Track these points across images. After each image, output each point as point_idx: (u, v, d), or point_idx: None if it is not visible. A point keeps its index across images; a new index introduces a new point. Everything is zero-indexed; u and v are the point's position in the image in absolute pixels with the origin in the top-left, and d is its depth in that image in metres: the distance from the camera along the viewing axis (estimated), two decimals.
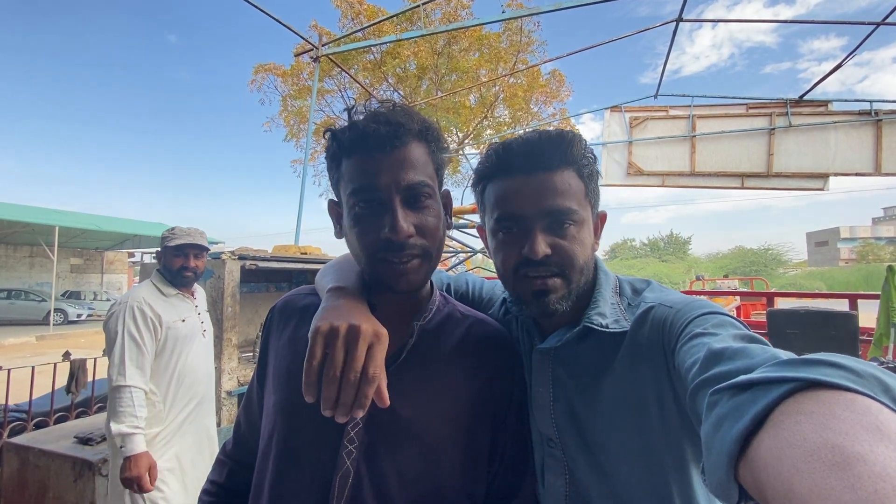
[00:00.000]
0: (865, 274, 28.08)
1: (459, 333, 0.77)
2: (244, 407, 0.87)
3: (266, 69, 16.14)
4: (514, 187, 0.72)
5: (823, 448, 0.30)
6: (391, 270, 0.66)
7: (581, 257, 0.72)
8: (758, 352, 0.46)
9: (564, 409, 0.74)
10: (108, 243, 20.78)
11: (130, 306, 1.94)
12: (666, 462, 0.66)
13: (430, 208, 0.68)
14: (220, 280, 2.89)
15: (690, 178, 7.17)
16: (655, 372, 0.66)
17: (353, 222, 0.67)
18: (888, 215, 60.69)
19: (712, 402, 0.42)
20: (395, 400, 0.67)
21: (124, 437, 1.78)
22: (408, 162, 0.66)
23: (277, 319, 0.82)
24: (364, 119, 0.66)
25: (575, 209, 0.71)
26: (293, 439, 0.69)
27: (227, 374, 2.92)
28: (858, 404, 0.32)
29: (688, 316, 0.63)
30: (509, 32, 14.51)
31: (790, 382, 0.36)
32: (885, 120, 6.02)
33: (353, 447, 0.66)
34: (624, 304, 0.75)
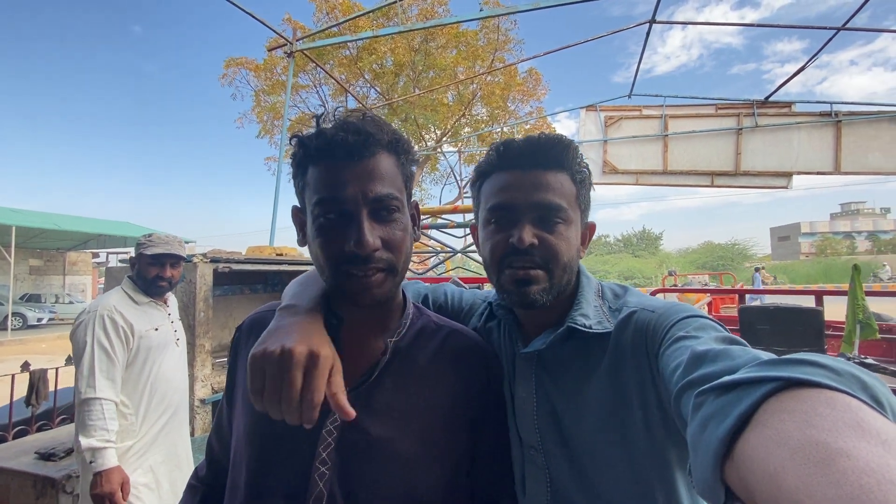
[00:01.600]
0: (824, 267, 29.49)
1: (434, 346, 0.76)
2: (215, 429, 0.85)
3: (238, 63, 15.73)
4: (510, 180, 0.75)
5: (808, 445, 0.30)
6: (355, 284, 0.65)
7: (565, 255, 0.74)
8: (740, 353, 0.47)
9: (547, 414, 0.74)
10: (70, 243, 19.86)
11: (100, 315, 1.85)
12: (650, 467, 0.67)
13: (397, 221, 0.67)
14: (191, 284, 2.80)
15: (663, 177, 7.37)
16: (639, 376, 0.67)
17: (317, 233, 0.65)
18: (845, 211, 63.95)
19: (698, 404, 0.43)
20: (367, 419, 0.67)
21: (94, 451, 1.70)
22: (376, 173, 0.64)
23: (245, 339, 0.80)
24: (333, 127, 0.64)
25: (564, 207, 0.74)
26: (263, 463, 0.67)
27: (201, 382, 2.83)
28: (839, 402, 0.33)
29: (670, 320, 0.65)
30: (486, 30, 14.54)
31: (773, 381, 0.36)
32: (843, 121, 6.32)
33: (326, 468, 0.64)
34: (606, 308, 0.77)
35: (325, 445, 0.65)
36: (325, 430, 0.66)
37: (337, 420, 0.66)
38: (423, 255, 6.10)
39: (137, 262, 2.01)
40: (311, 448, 0.65)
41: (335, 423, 0.66)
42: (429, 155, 16.27)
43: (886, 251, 39.40)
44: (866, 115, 6.34)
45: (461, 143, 15.96)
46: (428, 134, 16.67)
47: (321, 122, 0.66)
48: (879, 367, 1.47)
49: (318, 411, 0.56)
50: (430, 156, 16.48)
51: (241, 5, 4.64)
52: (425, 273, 4.78)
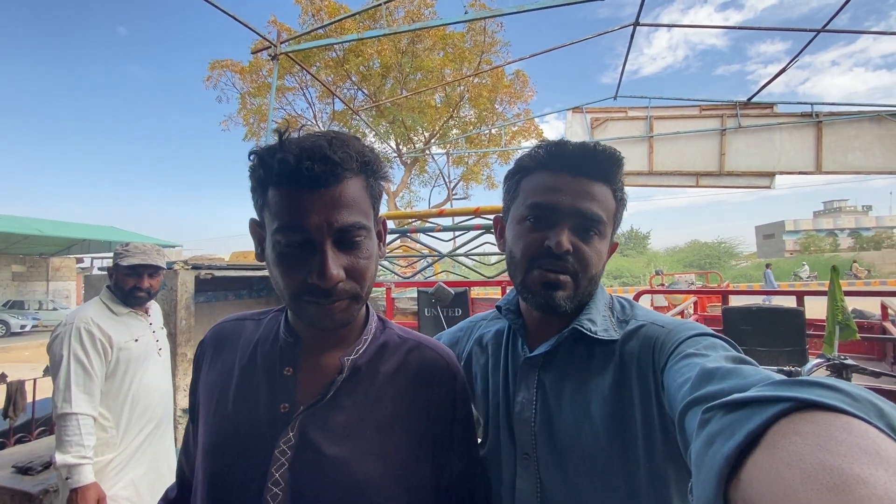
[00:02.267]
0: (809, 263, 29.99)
1: (395, 362, 0.74)
2: (183, 450, 0.83)
3: (223, 65, 15.58)
4: (556, 182, 0.73)
5: (821, 469, 0.29)
6: (317, 312, 0.63)
7: (595, 267, 0.74)
8: (750, 372, 0.46)
9: (546, 421, 0.73)
10: (53, 248, 19.46)
11: (77, 327, 1.81)
12: (647, 483, 0.66)
13: (362, 248, 0.64)
14: (172, 292, 2.76)
15: (649, 178, 7.44)
16: (643, 390, 0.66)
17: (278, 260, 0.63)
18: (827, 209, 65.17)
19: (704, 420, 0.42)
20: (322, 439, 0.65)
21: (70, 468, 1.66)
22: (342, 201, 0.61)
23: (207, 353, 0.78)
24: (297, 151, 0.59)
25: (604, 220, 0.74)
26: (219, 482, 0.66)
27: (183, 392, 2.79)
28: (855, 427, 0.31)
29: (679, 336, 0.64)
30: (473, 33, 14.58)
31: (785, 402, 0.35)
32: (824, 122, 6.44)
33: (279, 489, 0.63)
34: (614, 319, 0.77)
35: (277, 466, 0.63)
36: (279, 451, 0.64)
37: (291, 440, 0.65)
38: (411, 259, 6.08)
39: (114, 272, 1.97)
40: (265, 468, 0.63)
41: (288, 442, 0.65)
42: (417, 157, 16.24)
43: (868, 248, 40.22)
44: (847, 115, 6.46)
45: (449, 144, 15.96)
46: (416, 136, 16.64)
47: (284, 139, 0.62)
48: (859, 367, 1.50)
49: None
50: (418, 158, 16.45)
51: (224, 8, 4.59)
52: (412, 277, 4.76)
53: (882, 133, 6.21)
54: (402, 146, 16.64)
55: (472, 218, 3.77)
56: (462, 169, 17.19)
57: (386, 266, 4.53)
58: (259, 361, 0.72)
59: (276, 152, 0.60)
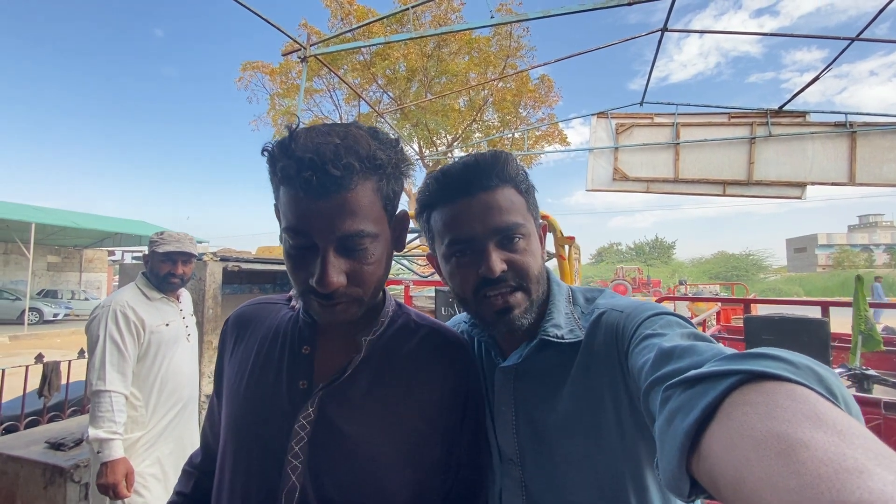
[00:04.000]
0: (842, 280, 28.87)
1: (412, 344, 0.75)
2: (208, 418, 0.87)
3: (254, 67, 16.00)
4: (459, 210, 0.72)
5: (770, 437, 0.31)
6: (320, 310, 0.64)
7: (535, 268, 0.74)
8: (705, 349, 0.48)
9: (526, 426, 0.74)
10: (87, 241, 20.27)
11: (113, 310, 1.91)
12: (623, 468, 0.67)
13: (367, 255, 0.64)
14: (201, 282, 2.86)
15: (674, 185, 7.31)
16: (611, 376, 0.67)
17: (286, 257, 0.64)
18: (863, 223, 62.56)
19: (665, 398, 0.44)
20: (340, 416, 0.67)
21: (101, 442, 1.75)
22: (347, 210, 0.60)
23: (230, 333, 0.82)
24: (300, 157, 0.57)
25: (521, 223, 0.73)
26: (243, 454, 0.69)
27: (208, 378, 2.89)
28: (798, 394, 0.34)
29: (637, 319, 0.65)
30: (499, 37, 14.60)
31: (737, 375, 0.38)
32: (858, 132, 6.22)
33: (298, 462, 0.65)
34: (577, 313, 0.77)
35: (297, 440, 0.66)
36: (298, 425, 0.67)
37: (311, 415, 0.67)
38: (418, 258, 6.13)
39: (150, 259, 2.07)
40: (285, 441, 0.67)
41: (308, 418, 0.67)
42: (440, 160, 16.33)
43: None
44: (882, 125, 6.24)
45: (472, 148, 16.00)
46: (439, 139, 16.76)
47: (294, 139, 0.60)
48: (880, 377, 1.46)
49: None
50: (440, 160, 16.55)
51: (257, 11, 4.74)
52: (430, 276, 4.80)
53: None
54: (426, 149, 16.76)
55: None
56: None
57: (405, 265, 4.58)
58: (280, 341, 0.75)
59: (281, 156, 0.60)
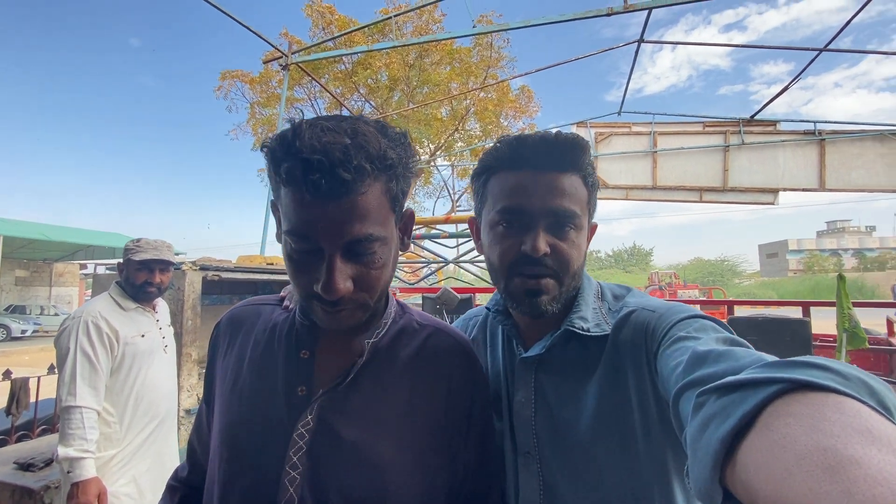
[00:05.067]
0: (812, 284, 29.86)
1: (415, 346, 0.73)
2: (195, 429, 0.83)
3: (233, 76, 15.84)
4: (524, 182, 0.70)
5: (815, 451, 0.29)
6: (324, 316, 0.62)
7: (576, 262, 0.72)
8: (743, 354, 0.45)
9: (545, 419, 0.72)
10: (57, 254, 19.57)
11: (85, 321, 1.82)
12: (648, 471, 0.65)
13: (375, 259, 0.60)
14: (179, 292, 2.77)
15: (652, 192, 7.47)
16: (637, 376, 0.65)
17: (288, 261, 0.60)
18: (831, 229, 65.07)
19: (699, 403, 0.42)
20: (341, 422, 0.64)
21: (72, 461, 1.66)
22: (355, 214, 0.56)
23: (222, 336, 0.78)
24: (306, 159, 0.52)
25: (578, 214, 0.71)
26: (237, 466, 0.65)
27: (187, 392, 2.79)
28: (847, 407, 0.31)
29: (670, 320, 0.63)
30: (480, 48, 14.81)
31: (779, 383, 0.35)
32: (827, 140, 6.48)
33: (297, 473, 0.62)
34: (605, 309, 0.75)
35: (296, 449, 0.63)
36: (297, 434, 0.63)
37: (310, 423, 0.64)
38: (415, 266, 6.10)
39: (125, 267, 1.99)
40: (282, 451, 0.63)
41: (307, 426, 0.64)
42: (422, 168, 16.38)
43: (873, 269, 40.06)
44: (849, 133, 6.51)
45: (454, 157, 16.10)
46: (422, 148, 16.81)
47: (298, 135, 0.54)
48: None
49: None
50: (423, 169, 16.58)
51: (238, 18, 4.70)
52: (417, 283, 4.77)
53: (885, 151, 6.24)
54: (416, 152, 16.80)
55: None
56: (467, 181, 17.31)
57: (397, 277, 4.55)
58: (276, 344, 0.71)
59: (284, 156, 0.55)
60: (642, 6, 4.26)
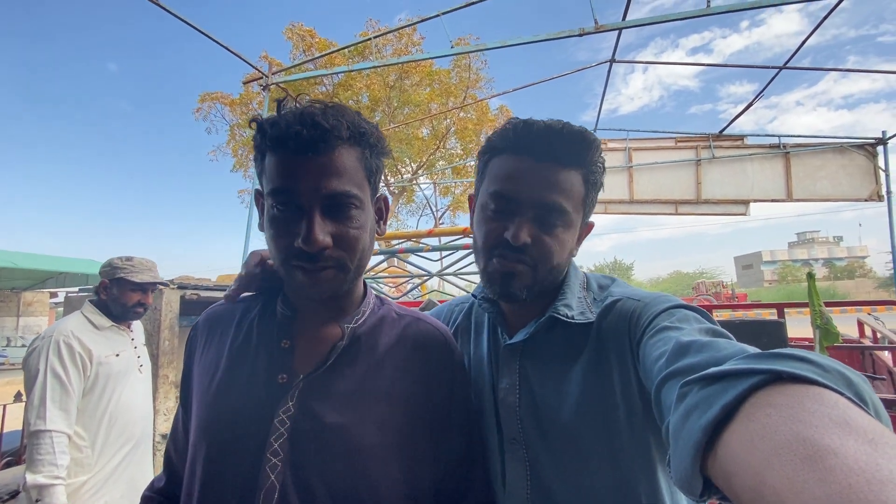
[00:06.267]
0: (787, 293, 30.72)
1: (395, 334, 0.74)
2: (171, 438, 0.81)
3: (213, 98, 15.82)
4: (520, 169, 0.70)
5: (794, 441, 0.29)
6: (304, 278, 0.64)
7: (557, 258, 0.72)
8: (725, 345, 0.46)
9: (530, 405, 0.73)
10: (27, 282, 18.70)
11: (56, 340, 1.76)
12: (632, 458, 0.66)
13: (352, 218, 0.64)
14: (156, 312, 2.70)
15: (630, 206, 7.65)
16: (621, 364, 0.66)
17: (270, 223, 0.65)
18: (801, 240, 67.56)
19: (682, 394, 0.42)
20: (322, 406, 0.64)
21: (41, 488, 1.57)
22: (333, 169, 0.62)
23: (200, 335, 0.78)
24: (291, 117, 0.61)
25: (568, 210, 0.70)
26: (217, 459, 0.65)
27: (164, 416, 2.69)
28: (826, 398, 0.32)
29: (654, 310, 0.64)
30: (458, 69, 15.16)
31: (760, 374, 0.36)
32: (792, 153, 6.78)
33: (278, 460, 0.62)
34: (590, 299, 0.76)
35: (276, 436, 0.63)
36: (278, 420, 0.63)
37: (290, 409, 0.64)
38: (399, 281, 6.07)
39: (115, 286, 1.93)
40: (263, 439, 0.63)
41: (288, 412, 0.64)
42: (405, 187, 16.46)
43: (843, 277, 41.47)
44: (812, 146, 6.83)
45: (436, 175, 16.25)
46: (404, 167, 16.94)
47: (282, 109, 0.64)
48: None
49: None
50: (405, 187, 16.68)
51: (219, 40, 4.73)
52: (400, 298, 4.74)
53: (845, 163, 6.56)
54: (390, 176, 16.88)
55: (461, 238, 3.81)
56: (449, 199, 17.45)
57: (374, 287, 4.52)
58: (255, 337, 0.72)
59: (271, 123, 0.63)
60: (612, 27, 4.45)
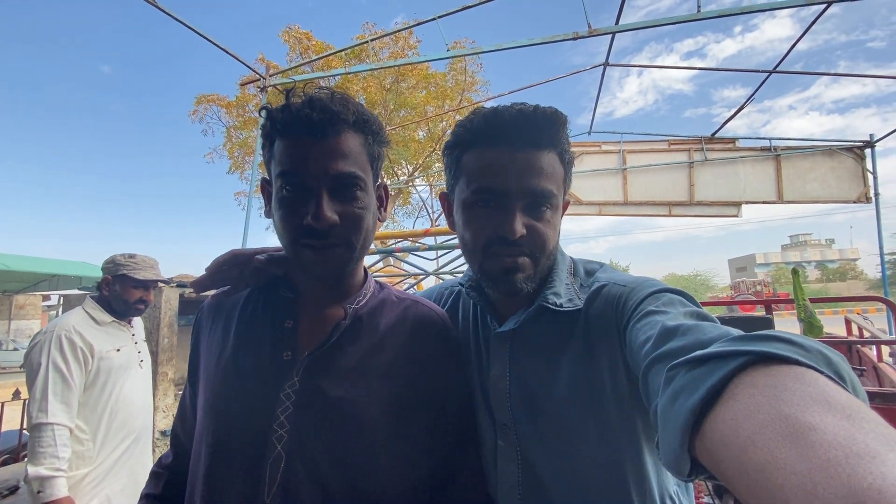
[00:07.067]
0: None
1: (395, 316, 0.77)
2: (179, 415, 0.85)
3: (209, 100, 15.79)
4: (500, 160, 0.69)
5: (777, 419, 0.30)
6: (312, 256, 0.67)
7: (552, 241, 0.73)
8: (710, 329, 0.47)
9: (520, 392, 0.74)
10: (19, 285, 18.56)
11: (58, 335, 1.78)
12: (620, 439, 0.67)
13: (357, 199, 0.68)
14: (156, 309, 2.73)
15: (624, 207, 7.73)
16: (609, 349, 0.67)
17: (279, 205, 0.68)
18: (794, 242, 68.19)
19: (669, 377, 0.43)
20: (326, 381, 0.68)
21: (42, 480, 1.60)
22: (339, 151, 0.66)
23: (206, 317, 0.82)
24: (300, 103, 0.66)
25: (555, 193, 0.71)
26: (224, 433, 0.67)
27: (163, 412, 2.72)
28: (807, 377, 0.33)
29: (640, 294, 0.64)
30: (454, 72, 15.22)
31: (744, 356, 0.37)
32: (782, 155, 6.89)
33: (284, 431, 0.65)
34: (577, 285, 0.77)
35: (283, 409, 0.66)
36: (284, 394, 0.67)
37: (296, 384, 0.67)
38: (396, 280, 6.10)
39: (118, 283, 1.96)
40: (270, 412, 0.66)
41: (293, 387, 0.67)
42: (401, 189, 16.49)
43: (835, 279, 41.85)
44: (802, 149, 6.94)
45: (432, 177, 16.30)
46: (400, 169, 16.98)
47: (290, 97, 0.68)
48: None
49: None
50: (402, 189, 16.71)
51: (215, 40, 4.76)
52: None
53: (834, 165, 6.68)
54: (387, 178, 16.91)
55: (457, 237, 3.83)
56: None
57: None
58: (260, 317, 0.75)
59: (280, 109, 0.67)
60: (606, 31, 4.52)
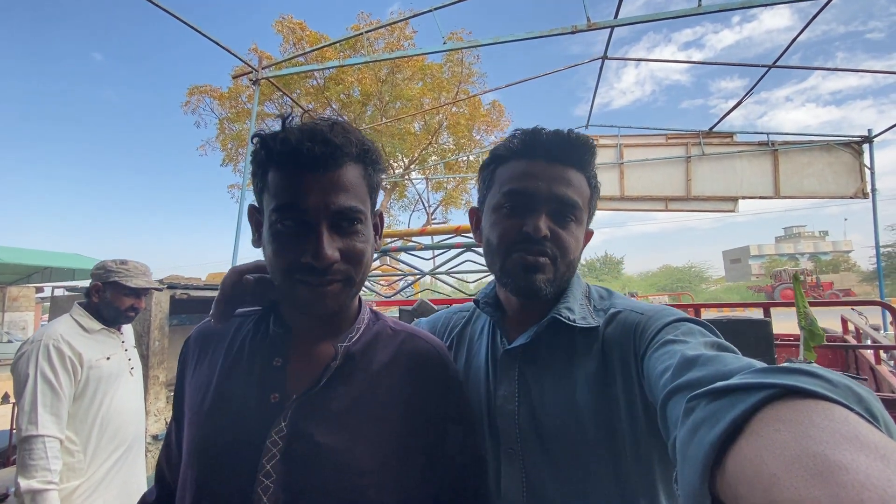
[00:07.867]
0: None
1: (390, 351, 0.73)
2: (164, 450, 0.81)
3: (202, 91, 15.57)
4: (533, 169, 0.74)
5: (804, 456, 0.29)
6: (309, 293, 0.63)
7: (572, 252, 0.75)
8: (731, 360, 0.46)
9: (529, 413, 0.72)
10: (11, 277, 18.38)
11: (45, 345, 1.74)
12: (635, 476, 0.65)
13: (358, 233, 0.66)
14: (146, 312, 2.68)
15: (620, 202, 7.70)
16: (625, 377, 0.66)
17: (273, 239, 0.63)
18: (788, 234, 68.62)
19: (689, 408, 0.41)
20: (315, 427, 0.64)
21: (34, 493, 1.57)
22: (340, 185, 0.63)
23: (192, 351, 0.77)
24: (299, 133, 0.62)
25: (580, 206, 0.75)
26: (208, 478, 0.64)
27: (154, 417, 2.68)
28: (836, 413, 0.32)
29: (659, 323, 0.64)
30: (451, 64, 15.06)
31: (769, 389, 0.35)
32: (780, 150, 6.87)
33: (270, 482, 0.61)
34: (591, 308, 0.77)
35: (269, 457, 0.62)
36: (270, 441, 0.63)
37: (283, 430, 0.63)
38: (392, 279, 6.07)
39: (109, 289, 1.92)
40: (255, 460, 0.62)
41: (280, 433, 0.63)
42: (396, 182, 16.40)
43: (828, 271, 42.23)
44: (799, 144, 6.93)
45: (428, 170, 16.19)
46: (395, 162, 16.86)
47: (287, 124, 0.65)
48: None
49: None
50: (397, 183, 16.62)
51: (206, 33, 4.65)
52: (393, 296, 4.75)
53: (832, 160, 6.67)
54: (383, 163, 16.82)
55: (453, 237, 3.82)
56: (442, 194, 17.40)
57: (367, 286, 4.52)
58: (247, 355, 0.71)
59: (278, 134, 0.63)
60: (605, 24, 4.45)
